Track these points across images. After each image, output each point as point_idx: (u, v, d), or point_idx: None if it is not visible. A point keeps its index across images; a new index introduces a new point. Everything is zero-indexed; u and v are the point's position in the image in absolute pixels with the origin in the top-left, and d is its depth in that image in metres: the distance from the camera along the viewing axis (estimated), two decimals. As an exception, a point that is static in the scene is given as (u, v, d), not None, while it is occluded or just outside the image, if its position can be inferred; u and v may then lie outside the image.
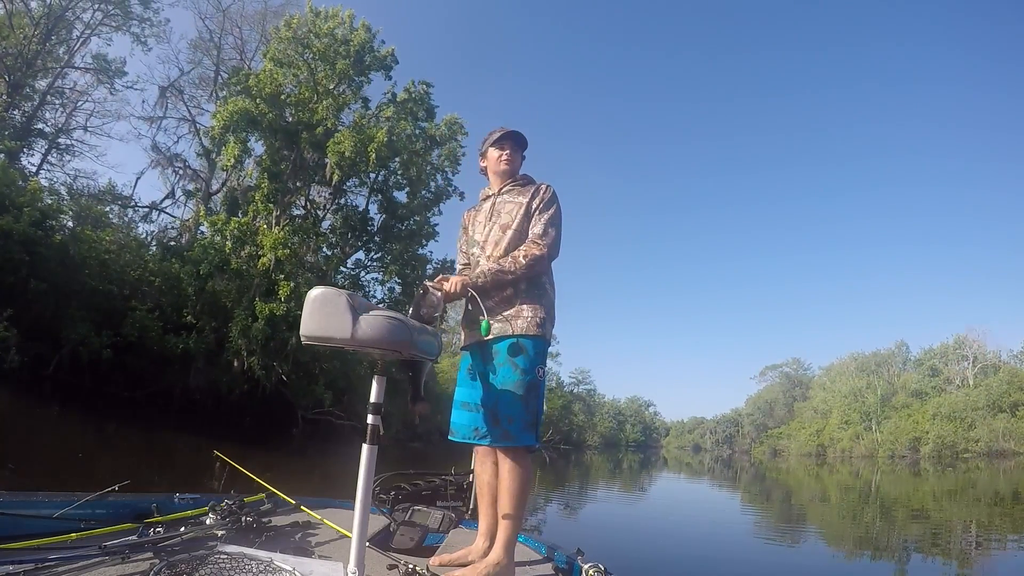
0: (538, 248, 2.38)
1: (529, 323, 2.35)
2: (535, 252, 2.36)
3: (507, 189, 2.60)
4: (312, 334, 1.64)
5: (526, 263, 2.35)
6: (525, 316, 2.36)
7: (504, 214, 2.52)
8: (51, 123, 23.90)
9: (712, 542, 8.49)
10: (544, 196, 2.50)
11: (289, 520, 2.80)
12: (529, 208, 2.48)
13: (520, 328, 2.34)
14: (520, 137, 2.65)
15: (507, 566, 2.23)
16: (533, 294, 2.41)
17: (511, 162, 2.62)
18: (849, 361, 71.27)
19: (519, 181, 2.62)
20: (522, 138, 2.65)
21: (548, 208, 2.48)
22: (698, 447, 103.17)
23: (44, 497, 2.45)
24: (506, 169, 2.61)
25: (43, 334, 15.31)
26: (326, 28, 21.25)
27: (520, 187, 2.59)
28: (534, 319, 2.37)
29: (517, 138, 2.64)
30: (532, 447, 2.33)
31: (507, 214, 2.51)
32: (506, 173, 2.62)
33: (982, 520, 11.44)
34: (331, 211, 23.39)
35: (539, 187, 2.55)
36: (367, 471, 1.71)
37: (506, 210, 2.52)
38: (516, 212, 2.49)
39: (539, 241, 2.40)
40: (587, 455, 53.20)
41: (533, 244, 2.39)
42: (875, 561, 7.37)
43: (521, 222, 2.47)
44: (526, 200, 2.50)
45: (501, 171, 2.62)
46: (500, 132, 2.64)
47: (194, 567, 1.80)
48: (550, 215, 2.47)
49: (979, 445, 47.37)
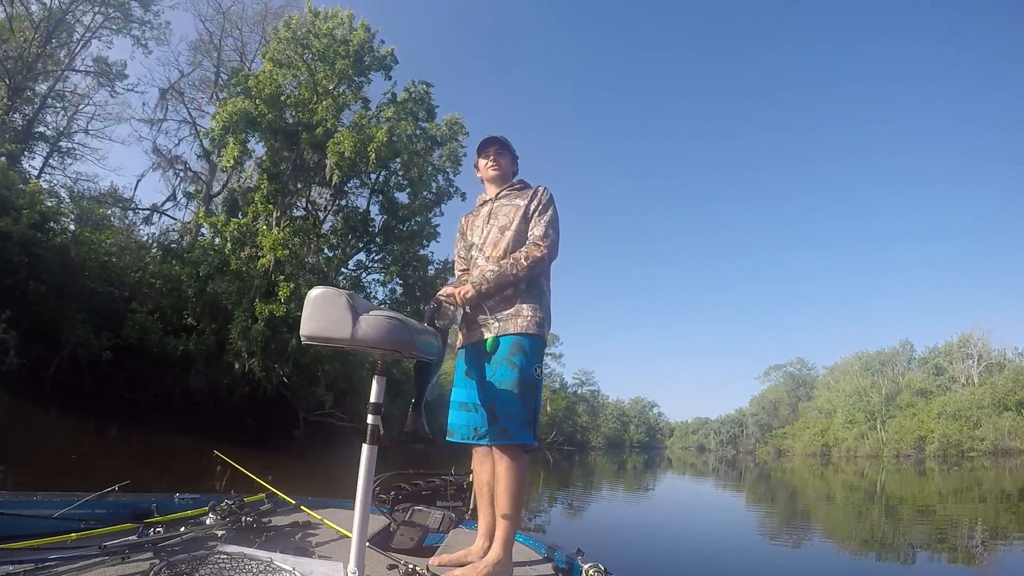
0: (539, 250, 2.39)
1: (528, 322, 2.37)
2: (536, 254, 2.38)
3: (504, 194, 2.61)
4: (312, 334, 1.64)
5: (528, 264, 2.36)
6: (524, 315, 2.37)
7: (502, 216, 2.53)
8: (52, 126, 23.99)
9: (715, 542, 8.47)
10: (542, 199, 2.51)
11: (289, 520, 2.80)
12: (527, 211, 2.50)
13: (520, 327, 2.35)
14: (501, 140, 2.66)
15: (506, 565, 2.23)
16: (532, 294, 2.42)
17: (499, 167, 2.63)
18: (853, 360, 71.09)
19: (515, 185, 2.64)
20: (503, 141, 2.66)
21: (546, 210, 2.49)
22: (702, 448, 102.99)
23: (44, 497, 2.45)
24: (496, 175, 2.64)
25: (43, 336, 15.29)
26: (325, 28, 21.20)
27: (517, 191, 2.60)
28: (533, 318, 2.38)
29: (498, 142, 2.65)
30: (530, 445, 2.33)
31: (505, 216, 2.52)
32: (498, 178, 2.64)
33: (988, 519, 11.39)
34: (332, 212, 23.35)
35: (536, 190, 2.56)
36: (367, 471, 1.72)
37: (504, 212, 2.53)
38: (514, 214, 2.50)
39: (540, 243, 2.41)
40: (591, 456, 53.13)
41: (534, 246, 2.41)
42: (881, 561, 7.34)
43: (519, 224, 2.48)
44: (524, 203, 2.51)
45: (492, 177, 2.65)
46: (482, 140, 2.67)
47: (194, 567, 1.80)
48: (549, 217, 2.48)
49: (985, 444, 47.23)
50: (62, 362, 15.84)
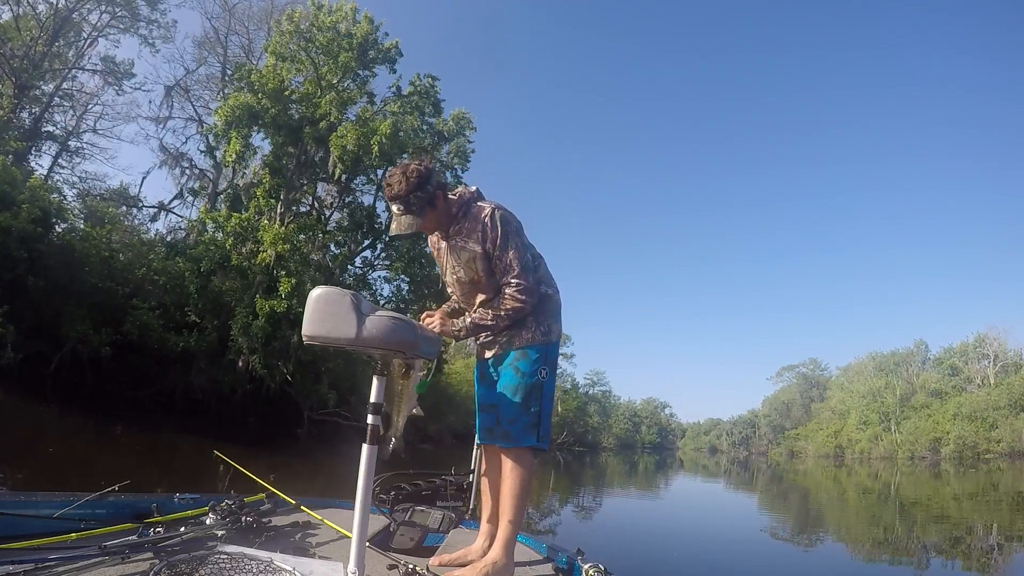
0: (514, 301, 2.24)
1: (534, 334, 2.36)
2: (515, 305, 2.25)
3: (453, 233, 2.33)
4: (315, 334, 1.64)
5: (509, 315, 2.27)
6: (530, 328, 2.36)
7: (464, 267, 2.34)
8: (61, 126, 24.21)
9: (723, 544, 8.41)
10: (492, 234, 2.24)
11: (289, 520, 2.80)
12: (486, 253, 2.28)
13: (526, 340, 2.35)
14: (402, 198, 2.19)
15: (506, 565, 2.21)
16: (536, 310, 2.36)
17: (413, 223, 2.22)
18: (867, 361, 70.35)
19: (459, 222, 2.32)
20: (403, 196, 2.19)
21: (504, 246, 2.24)
22: (714, 449, 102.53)
23: (44, 497, 2.46)
24: (428, 228, 2.34)
25: (44, 332, 15.35)
26: (328, 21, 21.14)
27: (466, 229, 2.30)
28: (538, 329, 2.37)
29: (400, 200, 2.20)
30: (534, 448, 2.31)
31: (468, 268, 2.33)
32: (432, 229, 2.38)
33: (1004, 523, 11.23)
34: (337, 208, 23.38)
35: (483, 224, 2.24)
36: (367, 471, 1.71)
37: (464, 261, 2.32)
38: (476, 263, 2.31)
39: (516, 295, 2.24)
40: (602, 457, 53.04)
41: (509, 298, 2.25)
42: (894, 566, 7.25)
43: (484, 266, 2.31)
44: (479, 248, 2.27)
45: (429, 231, 2.40)
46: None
47: (194, 567, 1.80)
48: (510, 253, 2.24)
49: (1001, 446, 46.58)
50: (63, 359, 15.86)
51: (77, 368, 16.14)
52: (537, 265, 2.42)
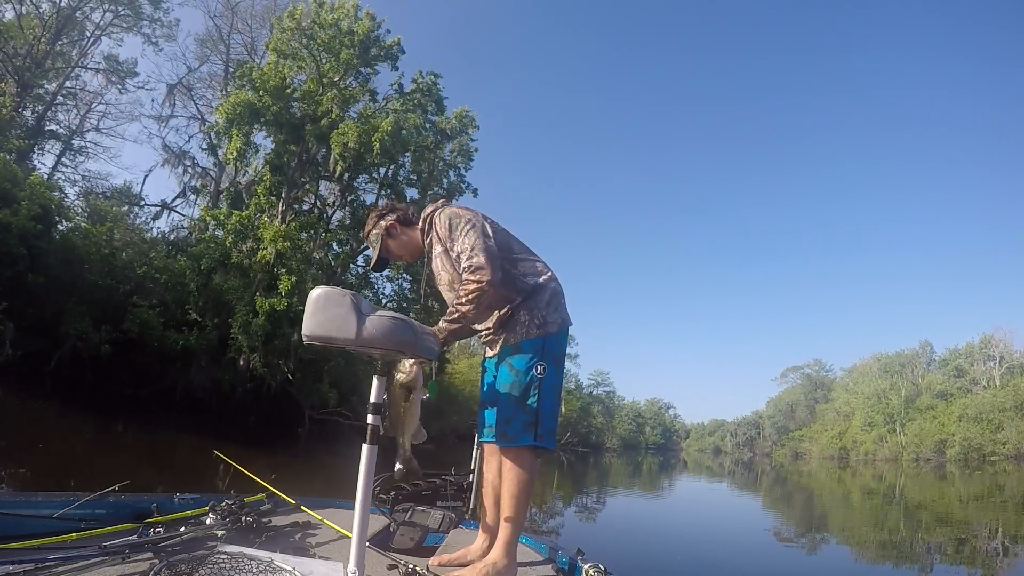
0: (469, 282, 2.20)
1: (527, 327, 2.33)
2: (471, 287, 2.19)
3: (428, 247, 2.48)
4: (315, 334, 1.63)
5: (470, 298, 2.19)
6: (523, 322, 2.34)
7: (442, 271, 2.42)
8: (64, 124, 24.28)
9: (726, 546, 8.38)
10: (442, 232, 2.35)
11: (289, 520, 2.80)
12: (447, 251, 2.36)
13: (520, 335, 2.33)
14: (367, 235, 2.56)
15: (507, 566, 2.20)
16: (526, 302, 2.36)
17: (401, 253, 2.55)
18: (872, 362, 70.10)
19: (428, 235, 2.47)
20: (369, 233, 2.54)
21: (452, 236, 2.31)
22: (718, 450, 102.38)
23: (44, 497, 2.46)
24: (408, 256, 2.58)
25: (44, 329, 15.31)
26: (330, 19, 21.07)
27: (436, 238, 2.42)
28: (532, 322, 2.34)
29: (364, 236, 2.59)
30: (534, 447, 2.28)
31: (444, 271, 2.40)
32: (403, 253, 2.56)
33: (1009, 525, 11.16)
34: (339, 207, 23.29)
35: (433, 224, 2.41)
36: (367, 471, 1.70)
37: (440, 266, 2.41)
38: (445, 263, 2.38)
39: (468, 277, 2.21)
40: (606, 457, 53.04)
41: (464, 282, 2.23)
42: (898, 568, 7.22)
43: (452, 267, 2.36)
44: (440, 248, 2.38)
45: (410, 258, 2.60)
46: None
47: (194, 567, 1.79)
48: (460, 241, 2.28)
49: (1007, 447, 46.35)
50: (63, 357, 15.83)
51: (77, 366, 16.12)
52: (516, 259, 2.39)
